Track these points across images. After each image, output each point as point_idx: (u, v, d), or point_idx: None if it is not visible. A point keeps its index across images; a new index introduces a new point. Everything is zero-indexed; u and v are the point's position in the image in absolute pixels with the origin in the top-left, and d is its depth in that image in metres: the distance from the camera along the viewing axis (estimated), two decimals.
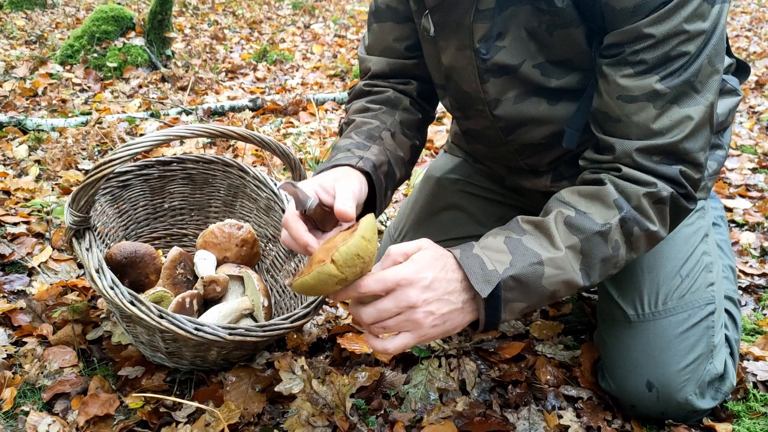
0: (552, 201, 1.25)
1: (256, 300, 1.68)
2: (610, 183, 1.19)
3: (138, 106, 4.17)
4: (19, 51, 5.58)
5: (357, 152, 1.35)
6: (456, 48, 1.36)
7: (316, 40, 6.92)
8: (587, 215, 1.18)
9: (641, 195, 1.17)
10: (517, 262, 1.13)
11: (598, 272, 1.19)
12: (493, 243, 1.17)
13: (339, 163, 1.30)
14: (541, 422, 1.44)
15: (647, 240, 1.21)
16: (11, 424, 1.44)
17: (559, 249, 1.16)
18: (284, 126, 3.86)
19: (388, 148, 1.42)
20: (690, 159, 1.18)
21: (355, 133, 1.42)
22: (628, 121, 1.19)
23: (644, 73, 1.15)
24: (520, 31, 1.28)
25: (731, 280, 1.61)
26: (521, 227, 1.21)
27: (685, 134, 1.16)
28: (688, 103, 1.16)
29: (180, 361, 1.57)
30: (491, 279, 1.11)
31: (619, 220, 1.17)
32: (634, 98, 1.17)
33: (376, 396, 1.53)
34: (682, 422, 1.42)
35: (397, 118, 1.50)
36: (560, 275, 1.15)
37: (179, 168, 1.94)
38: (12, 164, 3.05)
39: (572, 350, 1.69)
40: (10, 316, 1.80)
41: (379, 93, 1.54)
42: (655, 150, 1.17)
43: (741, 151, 3.31)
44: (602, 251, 1.18)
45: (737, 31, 7.20)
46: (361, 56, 1.59)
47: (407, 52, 1.52)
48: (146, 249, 1.71)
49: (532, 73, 1.31)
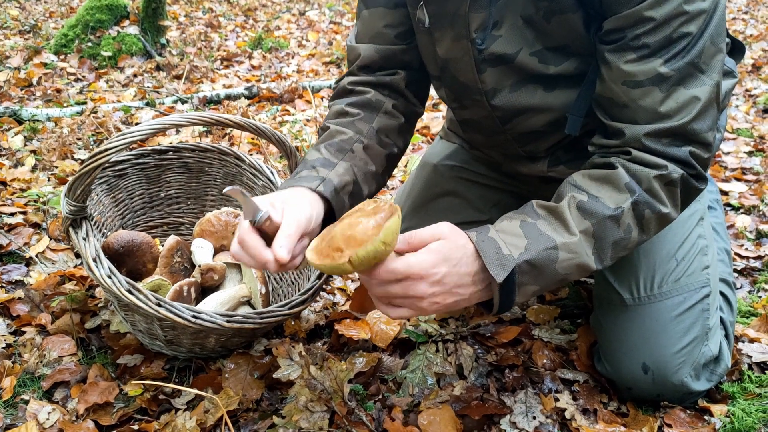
0: (564, 185, 1.25)
1: (253, 287, 1.68)
2: (621, 166, 1.20)
3: (133, 95, 4.15)
4: (13, 41, 5.55)
5: (321, 171, 1.31)
6: (452, 39, 1.36)
7: (311, 27, 6.88)
8: (599, 199, 1.18)
9: (652, 177, 1.17)
10: (532, 246, 1.14)
11: (610, 255, 1.21)
12: (509, 227, 1.17)
13: (299, 184, 1.27)
14: (538, 405, 1.45)
15: (659, 222, 1.22)
16: (11, 412, 1.45)
17: (574, 234, 1.16)
18: (280, 114, 3.86)
19: (357, 164, 1.39)
20: (699, 139, 1.19)
21: (325, 147, 1.38)
22: (635, 106, 1.19)
23: (647, 57, 1.15)
24: (517, 19, 1.27)
25: (726, 263, 1.62)
26: (536, 212, 1.21)
27: (692, 115, 1.16)
28: (694, 84, 1.16)
29: (178, 349, 1.57)
30: (507, 264, 1.11)
31: (631, 203, 1.18)
32: (639, 83, 1.17)
33: (373, 381, 1.54)
34: (677, 404, 1.44)
35: (374, 126, 1.46)
36: (574, 259, 1.16)
37: (175, 157, 1.94)
38: (8, 155, 3.04)
39: (569, 334, 1.70)
40: (8, 306, 1.80)
41: (360, 94, 1.49)
42: (664, 133, 1.17)
43: (737, 135, 3.31)
44: (614, 234, 1.19)
45: (734, 13, 7.17)
46: (350, 45, 1.55)
47: (397, 39, 1.49)
48: (143, 238, 1.71)
49: (530, 60, 1.31)
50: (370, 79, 1.51)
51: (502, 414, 1.42)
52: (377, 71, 1.52)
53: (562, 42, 1.28)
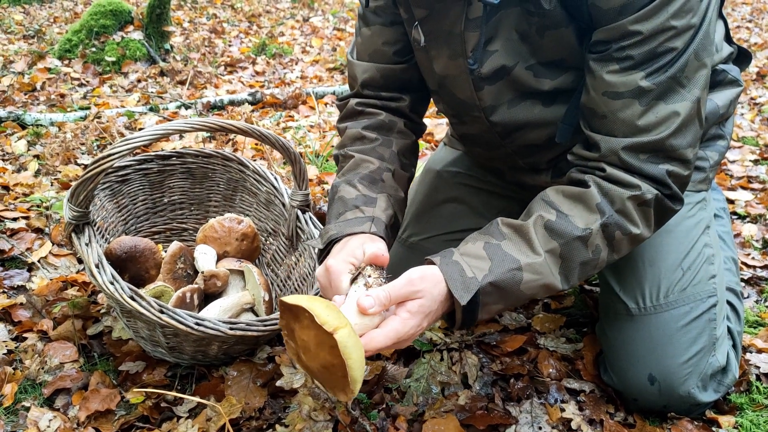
0: (536, 201, 1.26)
1: (256, 294, 1.67)
2: (594, 185, 1.19)
3: (137, 100, 4.15)
4: (17, 45, 5.56)
5: (366, 211, 1.34)
6: (448, 57, 1.36)
7: (315, 33, 6.89)
8: (569, 218, 1.18)
9: (626, 198, 1.17)
10: (495, 268, 1.15)
11: (577, 275, 1.21)
12: (473, 249, 1.18)
13: (353, 230, 1.30)
14: (544, 415, 1.44)
15: (630, 242, 1.22)
16: (12, 419, 1.44)
17: (538, 254, 1.17)
18: (284, 120, 3.85)
19: (391, 194, 1.41)
20: (677, 156, 1.18)
21: (358, 181, 1.39)
22: (614, 118, 1.18)
23: (630, 69, 1.15)
24: (511, 33, 1.27)
25: (733, 271, 1.60)
26: (501, 231, 1.21)
27: (671, 130, 1.15)
28: (674, 99, 1.15)
29: (181, 356, 1.56)
30: (470, 286, 1.13)
31: (601, 225, 1.17)
32: (619, 94, 1.16)
33: (377, 390, 1.53)
34: (684, 415, 1.42)
35: (394, 149, 1.48)
36: (539, 280, 1.17)
37: (179, 162, 1.94)
38: (11, 159, 3.03)
39: (574, 343, 1.69)
40: (10, 312, 1.79)
41: (372, 116, 1.51)
42: (642, 148, 1.16)
43: (742, 143, 3.29)
44: (582, 255, 1.18)
45: (738, 22, 7.17)
46: (350, 60, 1.56)
47: (396, 56, 1.49)
48: (146, 244, 1.70)
49: (525, 75, 1.31)
50: (377, 103, 1.52)
51: (507, 424, 1.41)
52: (380, 90, 1.53)
53: (557, 56, 1.28)
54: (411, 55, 1.50)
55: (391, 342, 1.08)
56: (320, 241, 1.35)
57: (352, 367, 0.99)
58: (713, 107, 1.50)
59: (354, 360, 0.99)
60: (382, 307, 1.09)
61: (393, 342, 1.09)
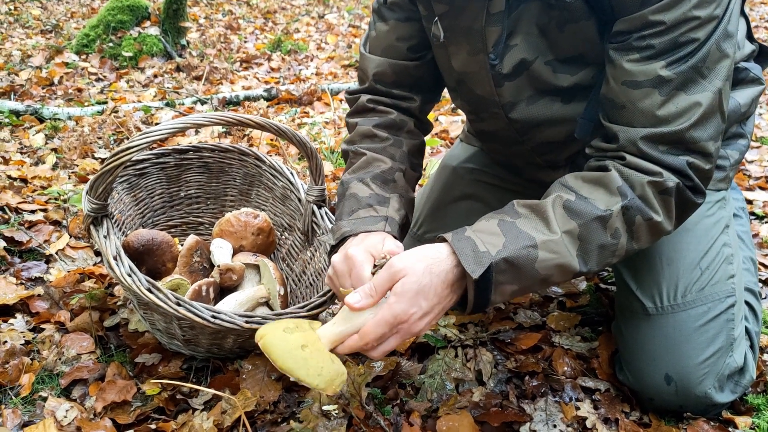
0: (554, 185, 1.23)
1: (272, 288, 1.68)
2: (614, 170, 1.17)
3: (153, 95, 4.18)
4: (35, 40, 5.61)
5: (380, 210, 1.34)
6: (467, 53, 1.35)
7: (330, 30, 6.89)
8: (588, 200, 1.15)
9: (645, 183, 1.14)
10: (510, 244, 1.11)
11: (596, 259, 1.16)
12: (486, 226, 1.15)
13: (368, 229, 1.30)
14: (558, 413, 1.43)
15: (650, 230, 1.18)
16: (29, 409, 1.45)
17: (555, 232, 1.13)
18: (299, 116, 3.86)
19: (402, 194, 1.42)
20: (698, 148, 1.15)
21: (371, 180, 1.40)
22: (633, 108, 1.16)
23: (650, 58, 1.13)
24: (531, 28, 1.26)
25: (752, 272, 1.59)
26: (516, 210, 1.19)
27: (692, 122, 1.13)
28: (695, 90, 1.12)
29: (196, 349, 1.57)
30: (483, 260, 1.09)
31: (622, 207, 1.14)
32: (638, 84, 1.14)
33: (392, 385, 1.53)
34: (700, 415, 1.41)
35: (405, 150, 1.48)
36: (555, 259, 1.13)
37: (195, 156, 1.94)
38: (29, 152, 3.06)
39: (590, 342, 1.68)
40: (28, 303, 1.81)
41: (383, 114, 1.51)
42: (661, 138, 1.14)
43: (761, 143, 3.26)
44: (601, 238, 1.15)
45: (756, 21, 7.09)
46: (363, 53, 1.55)
47: (410, 52, 1.49)
48: (163, 237, 1.71)
49: (545, 70, 1.30)
50: (388, 101, 1.52)
51: (521, 421, 1.41)
52: (391, 87, 1.52)
53: (577, 52, 1.27)
54: (424, 53, 1.50)
55: (383, 328, 1.07)
56: (332, 237, 1.35)
57: (285, 369, 1.05)
58: (735, 105, 1.49)
59: (278, 359, 1.05)
60: (369, 299, 1.09)
61: (387, 328, 1.07)
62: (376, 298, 1.10)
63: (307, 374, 1.04)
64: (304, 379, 1.04)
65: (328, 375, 1.06)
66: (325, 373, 1.06)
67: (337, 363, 1.10)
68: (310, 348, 1.08)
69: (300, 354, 1.06)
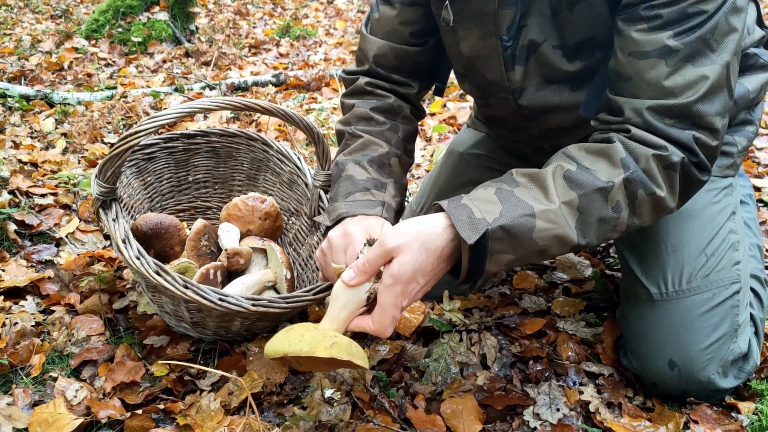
0: (556, 154, 1.21)
1: (278, 272, 1.69)
2: (619, 142, 1.15)
3: (162, 80, 4.19)
4: (45, 25, 5.63)
5: (377, 195, 1.35)
6: (478, 37, 1.34)
7: (339, 15, 6.87)
8: (590, 171, 1.13)
9: (650, 156, 1.12)
10: (507, 212, 1.09)
11: (595, 232, 1.14)
12: (484, 194, 1.14)
13: (364, 212, 1.31)
14: (562, 398, 1.44)
15: (652, 205, 1.16)
16: (40, 389, 1.47)
17: (553, 202, 1.11)
18: (307, 102, 3.86)
19: (397, 179, 1.43)
20: (705, 123, 1.13)
21: (368, 163, 1.40)
22: (639, 80, 1.14)
23: (658, 28, 1.11)
24: (544, 8, 1.26)
25: (758, 259, 1.59)
26: (514, 179, 1.17)
27: (699, 95, 1.11)
28: (703, 62, 1.11)
29: (204, 332, 1.59)
30: (478, 227, 1.07)
31: (624, 179, 1.12)
32: (645, 54, 1.13)
33: (397, 369, 1.54)
34: (704, 400, 1.42)
35: (400, 135, 1.49)
36: (553, 230, 1.10)
37: (203, 141, 1.96)
38: (39, 137, 3.09)
39: (594, 327, 1.69)
40: (38, 285, 1.83)
41: (381, 98, 1.51)
42: (667, 111, 1.12)
43: None
44: (601, 210, 1.12)
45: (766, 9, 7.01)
46: (364, 33, 1.54)
47: (412, 38, 1.48)
48: (171, 221, 1.73)
49: (553, 54, 1.29)
50: (387, 85, 1.53)
51: (525, 405, 1.42)
52: (390, 72, 1.52)
53: (585, 35, 1.26)
54: (427, 39, 1.50)
55: (391, 313, 1.07)
56: (327, 217, 1.36)
57: (354, 359, 1.05)
58: (743, 91, 1.48)
59: (351, 356, 1.04)
60: (363, 275, 1.09)
61: (396, 311, 1.08)
62: (370, 274, 1.09)
63: (289, 344, 1.04)
64: (288, 349, 1.03)
65: (311, 338, 1.04)
66: (308, 337, 1.04)
67: (332, 332, 1.09)
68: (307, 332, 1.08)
69: (285, 334, 1.07)
